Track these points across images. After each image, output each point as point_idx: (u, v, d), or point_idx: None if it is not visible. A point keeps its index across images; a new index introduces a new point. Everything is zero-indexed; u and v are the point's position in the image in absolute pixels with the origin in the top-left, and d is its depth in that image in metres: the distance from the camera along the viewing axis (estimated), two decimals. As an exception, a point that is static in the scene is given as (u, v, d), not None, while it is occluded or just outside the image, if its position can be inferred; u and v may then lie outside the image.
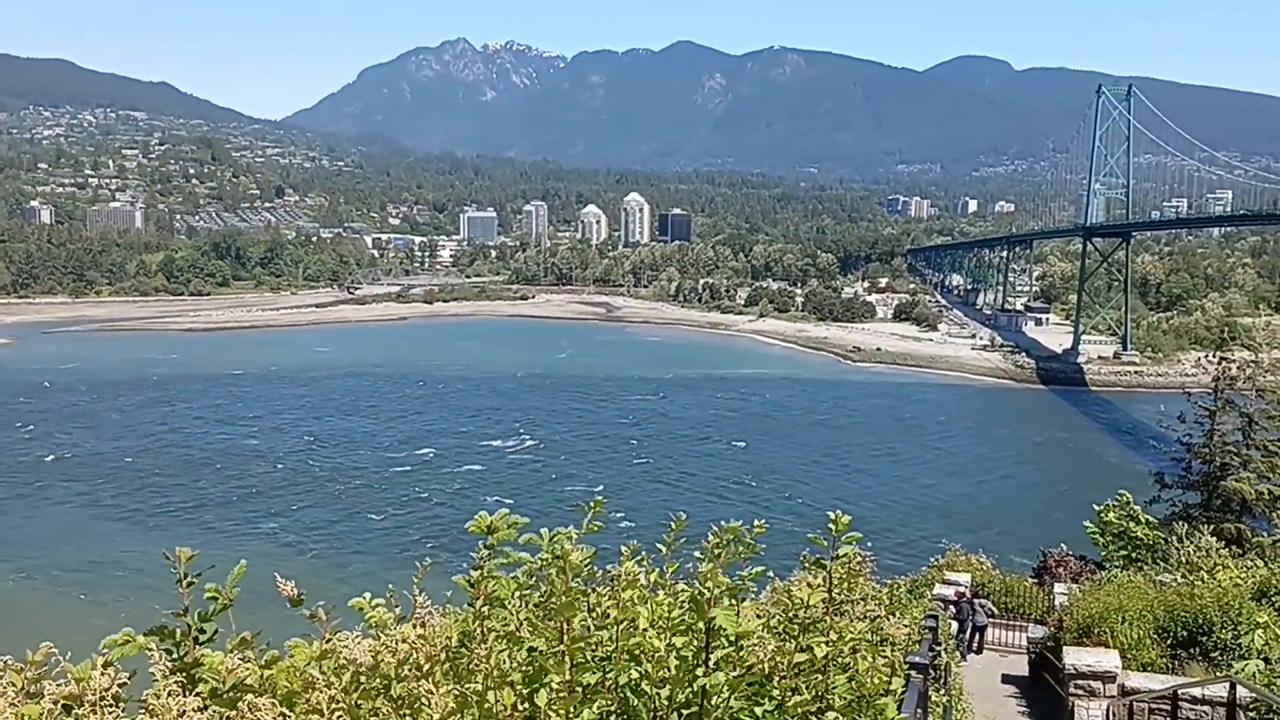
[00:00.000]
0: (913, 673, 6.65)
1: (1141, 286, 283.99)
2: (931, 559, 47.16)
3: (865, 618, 6.88)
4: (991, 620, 35.73)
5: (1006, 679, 31.21)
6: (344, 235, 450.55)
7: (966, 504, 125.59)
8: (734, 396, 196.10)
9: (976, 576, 39.48)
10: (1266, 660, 20.52)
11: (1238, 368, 51.57)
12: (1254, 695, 15.77)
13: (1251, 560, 33.08)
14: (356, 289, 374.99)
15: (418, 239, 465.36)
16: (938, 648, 14.74)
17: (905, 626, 13.02)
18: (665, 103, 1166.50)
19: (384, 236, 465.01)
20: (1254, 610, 22.66)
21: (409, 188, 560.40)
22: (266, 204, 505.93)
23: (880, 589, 18.43)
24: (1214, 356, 54.62)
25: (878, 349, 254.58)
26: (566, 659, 4.28)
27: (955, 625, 32.32)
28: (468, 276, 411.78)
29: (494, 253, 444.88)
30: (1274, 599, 24.15)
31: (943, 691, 14.31)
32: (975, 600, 35.15)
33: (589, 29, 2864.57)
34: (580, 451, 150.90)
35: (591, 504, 4.97)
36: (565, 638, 4.31)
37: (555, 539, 4.72)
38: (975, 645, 34.73)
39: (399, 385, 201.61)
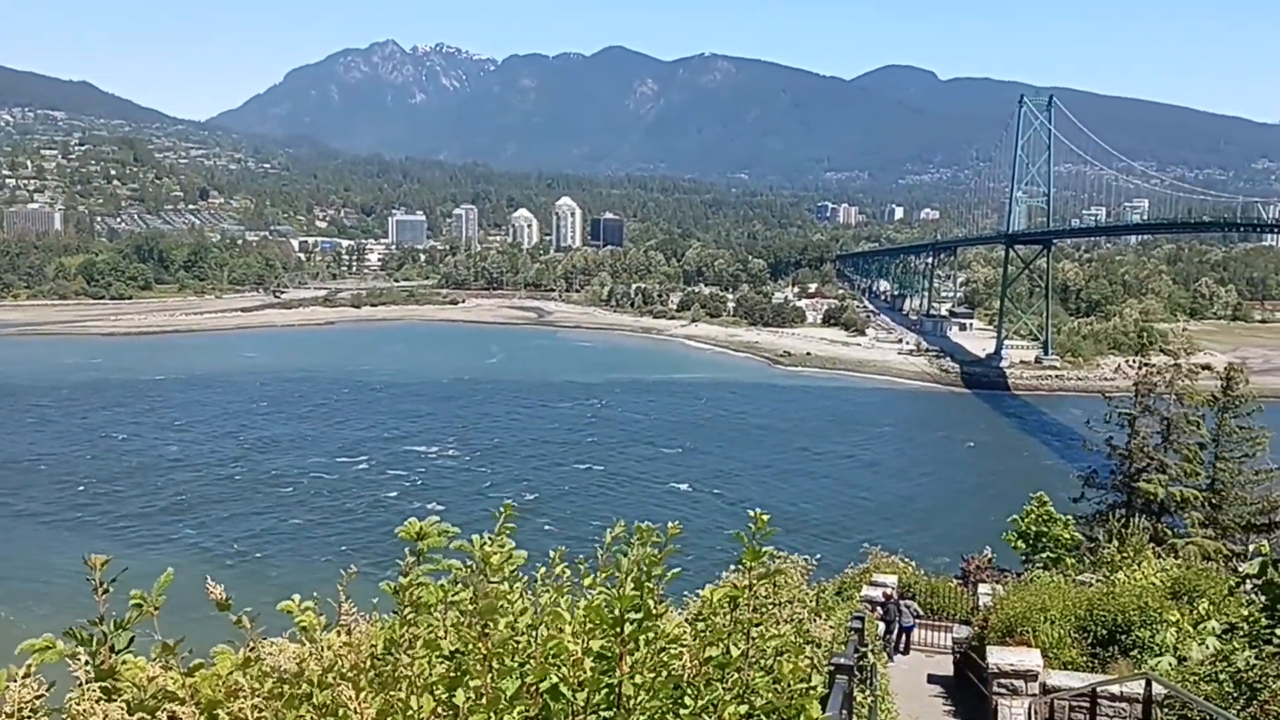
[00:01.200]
0: (837, 674, 6.70)
1: (1062, 292, 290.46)
2: (851, 564, 47.66)
3: (791, 620, 6.95)
4: (918, 621, 36.20)
5: (932, 679, 31.63)
6: (270, 238, 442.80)
7: (897, 506, 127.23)
8: (666, 401, 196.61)
9: (903, 578, 40.01)
10: (1182, 658, 21.03)
11: (1158, 372, 52.82)
12: (1168, 691, 16.17)
13: (1166, 559, 33.94)
14: (283, 293, 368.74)
15: (345, 242, 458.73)
16: (863, 649, 14.90)
17: (831, 628, 13.17)
18: (596, 107, 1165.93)
19: (311, 239, 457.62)
20: (1169, 608, 23.26)
21: (336, 190, 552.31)
22: (190, 206, 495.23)
23: (808, 591, 18.60)
24: (1134, 361, 55.94)
25: (807, 353, 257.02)
26: (487, 663, 4.27)
27: (882, 626, 32.70)
28: (396, 280, 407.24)
29: (423, 256, 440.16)
30: (1189, 597, 24.81)
31: (868, 692, 14.46)
32: (902, 602, 35.60)
33: (519, 32, 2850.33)
34: (511, 458, 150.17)
35: (503, 509, 4.93)
36: (487, 642, 4.29)
37: (481, 544, 4.71)
38: (902, 646, 35.16)
39: (326, 391, 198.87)
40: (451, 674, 4.28)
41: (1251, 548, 24.16)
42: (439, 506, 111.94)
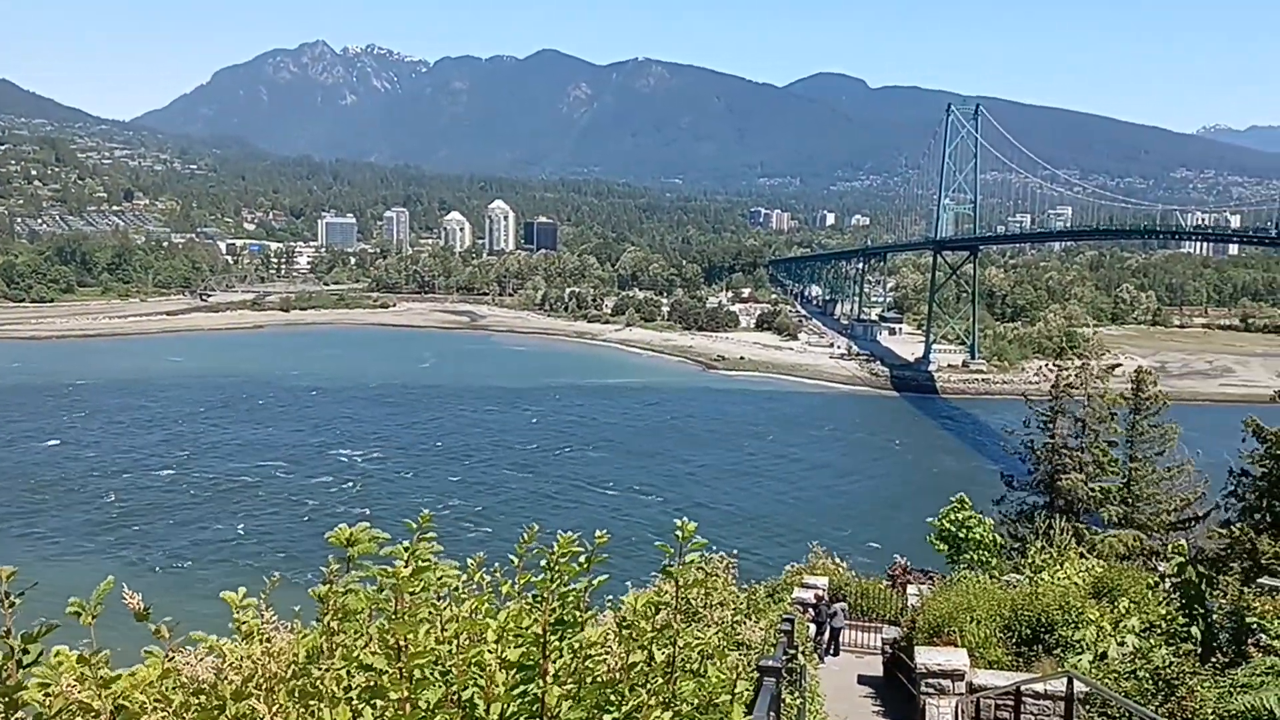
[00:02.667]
0: (764, 676, 6.72)
1: (988, 298, 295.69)
2: (790, 563, 48.02)
3: (719, 624, 6.94)
4: (849, 623, 36.52)
5: (862, 679, 31.92)
6: (197, 240, 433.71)
7: (834, 505, 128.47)
8: (601, 405, 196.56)
9: (834, 579, 40.36)
10: (1104, 655, 21.48)
11: (1075, 375, 54.12)
12: (1089, 689, 16.52)
13: (1088, 558, 34.65)
14: (210, 296, 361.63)
15: (274, 245, 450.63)
16: (793, 650, 15.00)
17: (762, 630, 13.23)
18: (530, 110, 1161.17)
19: (239, 242, 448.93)
20: (1090, 607, 23.76)
21: (265, 192, 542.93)
22: (114, 207, 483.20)
23: (740, 594, 18.67)
24: (1052, 365, 57.39)
25: (741, 357, 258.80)
26: (404, 675, 4.20)
27: (813, 628, 32.94)
28: (326, 284, 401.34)
29: (353, 260, 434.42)
30: (1110, 596, 25.37)
31: (797, 694, 14.55)
32: (835, 604, 35.89)
33: (452, 34, 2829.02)
34: (445, 464, 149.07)
35: (421, 519, 4.83)
36: (404, 654, 4.22)
37: (397, 553, 4.64)
38: (833, 647, 35.44)
39: (253, 396, 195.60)
40: (371, 684, 4.21)
41: (1170, 547, 24.76)
42: (370, 513, 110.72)
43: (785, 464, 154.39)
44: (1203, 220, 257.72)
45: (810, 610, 34.02)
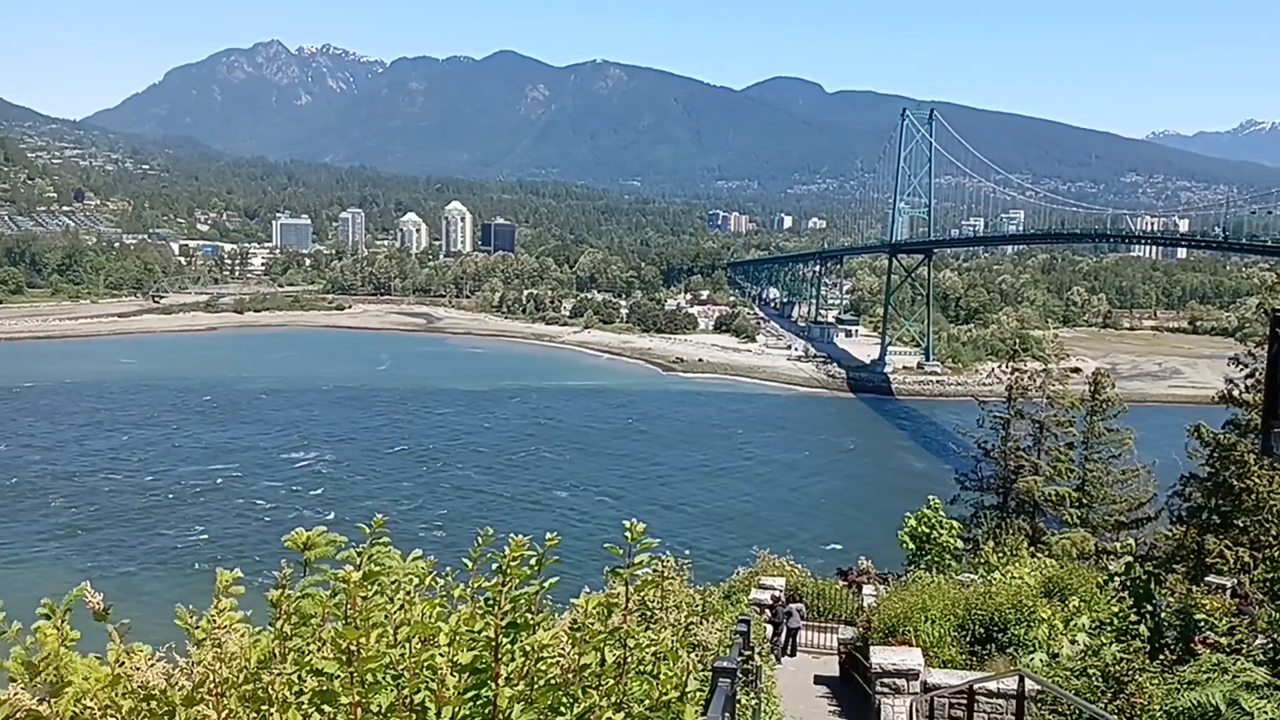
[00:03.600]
0: (719, 676, 6.76)
1: (943, 300, 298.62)
2: (738, 568, 48.15)
3: (674, 625, 6.97)
4: (805, 623, 36.66)
5: (819, 679, 32.06)
6: (149, 241, 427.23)
7: (789, 508, 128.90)
8: (558, 407, 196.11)
9: (791, 581, 40.54)
10: (1055, 654, 21.76)
11: (1029, 378, 54.67)
12: (1040, 687, 16.73)
13: (1041, 558, 35.12)
14: (162, 298, 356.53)
15: (228, 246, 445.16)
16: (748, 651, 15.07)
17: (718, 631, 13.27)
18: (487, 112, 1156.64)
19: (192, 243, 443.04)
20: (1042, 606, 24.08)
21: (219, 193, 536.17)
22: (65, 208, 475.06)
23: (695, 595, 18.70)
24: (1007, 367, 57.80)
25: (700, 360, 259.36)
26: (356, 679, 4.18)
27: (770, 629, 33.07)
28: (280, 285, 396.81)
29: (308, 261, 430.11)
30: (1061, 594, 25.73)
31: (752, 694, 14.61)
32: (791, 605, 36.03)
33: (409, 35, 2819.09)
34: (401, 467, 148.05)
35: (375, 523, 4.82)
36: (355, 659, 4.20)
37: (352, 557, 4.65)
38: (790, 648, 35.58)
39: (206, 399, 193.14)
40: (322, 689, 4.19)
41: (1120, 546, 25.13)
42: (333, 516, 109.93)
43: (746, 465, 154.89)
44: (1152, 224, 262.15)
45: (767, 611, 34.16)
